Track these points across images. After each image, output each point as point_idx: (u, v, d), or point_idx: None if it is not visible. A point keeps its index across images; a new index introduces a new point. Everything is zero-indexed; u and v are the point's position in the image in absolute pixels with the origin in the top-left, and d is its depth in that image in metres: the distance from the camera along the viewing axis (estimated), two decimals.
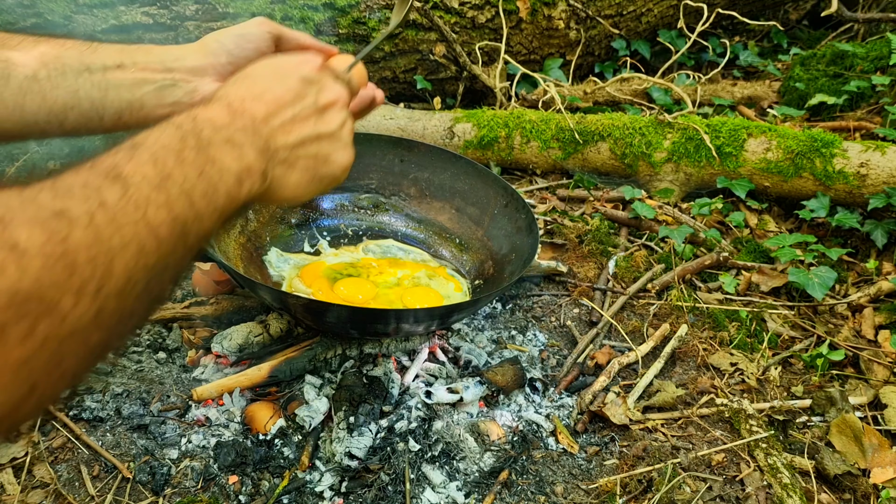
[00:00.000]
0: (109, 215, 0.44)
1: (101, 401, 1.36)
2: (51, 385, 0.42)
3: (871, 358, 1.64)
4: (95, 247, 0.42)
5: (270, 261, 1.64)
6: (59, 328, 0.40)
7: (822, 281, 1.80)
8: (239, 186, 0.60)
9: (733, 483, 1.33)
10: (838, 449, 1.41)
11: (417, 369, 1.48)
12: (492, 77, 2.68)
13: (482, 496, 1.26)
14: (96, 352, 0.45)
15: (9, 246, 0.37)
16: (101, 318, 0.43)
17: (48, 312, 0.38)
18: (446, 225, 1.81)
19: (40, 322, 0.38)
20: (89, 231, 0.42)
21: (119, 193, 0.47)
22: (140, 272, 0.46)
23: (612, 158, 2.28)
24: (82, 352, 0.43)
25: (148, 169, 0.51)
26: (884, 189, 1.98)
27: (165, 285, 0.53)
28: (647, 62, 3.10)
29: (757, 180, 2.18)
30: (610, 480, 1.31)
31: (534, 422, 1.42)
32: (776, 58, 3.31)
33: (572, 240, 2.01)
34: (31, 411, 0.42)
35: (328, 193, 1.79)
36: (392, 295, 1.59)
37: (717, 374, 1.61)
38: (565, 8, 2.85)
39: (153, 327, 1.56)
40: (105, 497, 1.20)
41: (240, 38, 0.93)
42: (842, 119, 2.57)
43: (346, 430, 1.30)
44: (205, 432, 1.32)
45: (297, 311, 1.41)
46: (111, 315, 0.44)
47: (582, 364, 1.59)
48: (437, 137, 2.33)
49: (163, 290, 0.52)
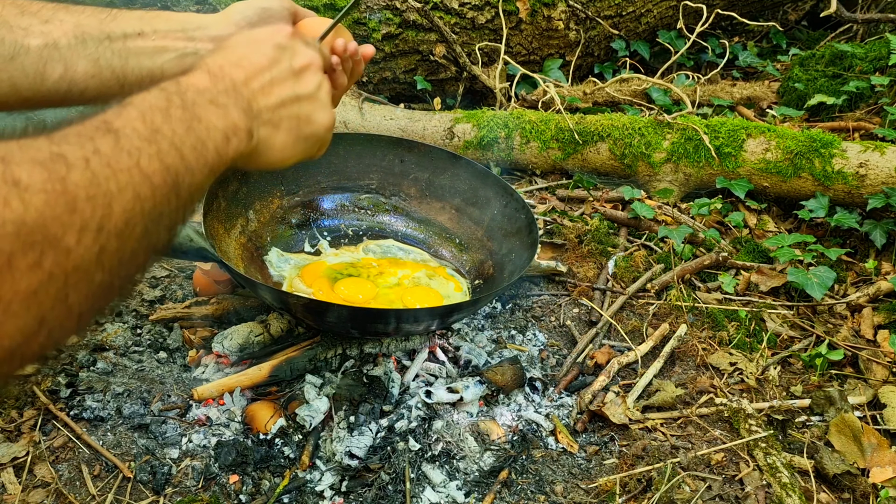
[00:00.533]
0: (104, 161, 0.47)
1: (101, 400, 1.36)
2: (58, 321, 0.43)
3: (870, 358, 1.65)
4: (93, 188, 0.44)
5: (271, 261, 1.64)
6: (65, 262, 0.41)
7: (821, 281, 1.80)
8: (226, 143, 0.62)
9: (732, 482, 1.34)
10: (837, 448, 1.41)
11: (417, 369, 1.48)
12: (492, 78, 2.69)
13: (482, 495, 1.26)
14: (100, 292, 0.47)
15: (11, 182, 0.38)
16: (103, 258, 0.45)
17: (53, 246, 0.40)
18: (446, 225, 1.82)
19: (46, 255, 0.40)
20: (87, 173, 0.44)
21: (112, 143, 0.49)
22: (137, 216, 0.49)
23: (612, 159, 2.29)
24: (87, 290, 0.45)
25: (138, 124, 0.53)
26: (882, 189, 1.98)
27: (162, 234, 0.54)
28: (646, 63, 3.10)
29: (756, 180, 2.18)
30: (609, 480, 1.31)
31: (533, 421, 1.43)
32: (775, 58, 3.32)
33: (572, 240, 2.02)
34: (40, 347, 0.43)
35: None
36: (392, 295, 1.59)
37: (716, 373, 1.61)
38: (565, 9, 2.85)
39: (154, 327, 1.56)
40: (106, 496, 1.20)
41: (263, 10, 0.94)
42: (841, 119, 2.57)
43: (347, 429, 1.30)
44: (205, 432, 1.32)
45: (298, 311, 1.41)
46: (112, 255, 0.46)
47: (581, 364, 1.59)
48: (437, 138, 2.33)
49: (159, 239, 0.54)
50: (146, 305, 1.63)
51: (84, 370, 1.43)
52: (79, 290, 0.44)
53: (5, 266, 0.37)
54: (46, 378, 1.40)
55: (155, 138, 0.53)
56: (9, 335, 0.40)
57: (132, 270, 0.52)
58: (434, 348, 1.54)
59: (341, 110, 2.34)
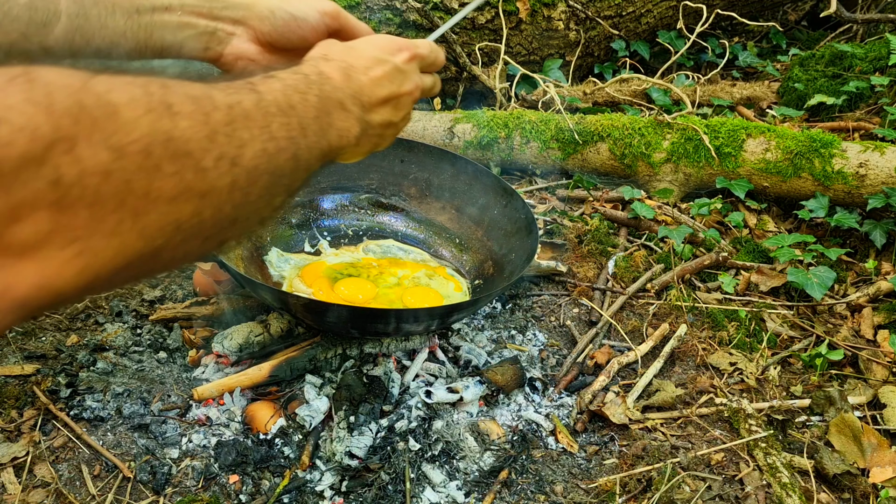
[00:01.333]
0: (244, 112, 0.52)
1: (101, 400, 1.36)
2: (191, 234, 0.47)
3: (869, 357, 1.65)
4: (231, 129, 0.49)
5: (271, 261, 1.64)
6: (202, 181, 0.46)
7: (821, 281, 1.80)
8: (339, 140, 0.68)
9: (732, 482, 1.34)
10: (837, 448, 1.41)
11: (417, 369, 1.48)
12: (492, 78, 2.69)
13: (482, 495, 1.26)
14: (226, 224, 0.51)
15: (166, 104, 0.43)
16: (234, 192, 0.50)
17: (193, 164, 0.45)
18: (446, 225, 1.82)
19: (187, 168, 0.44)
20: (228, 115, 0.49)
21: (253, 101, 0.54)
22: (263, 166, 0.53)
23: (612, 159, 2.29)
24: (217, 215, 0.49)
25: (279, 95, 0.58)
26: (882, 189, 1.98)
27: (278, 196, 0.58)
28: (646, 63, 3.10)
29: (756, 180, 2.18)
30: (609, 480, 1.31)
31: (533, 421, 1.43)
32: (775, 58, 3.32)
33: (572, 240, 2.02)
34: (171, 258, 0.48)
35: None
36: (392, 295, 1.59)
37: (716, 373, 1.61)
38: (565, 9, 2.85)
39: (154, 327, 1.56)
40: (106, 496, 1.20)
41: (293, 20, 0.94)
42: (841, 119, 2.57)
43: (347, 429, 1.30)
44: (205, 432, 1.32)
45: (298, 311, 1.41)
46: (241, 193, 0.51)
47: (581, 364, 1.59)
48: (437, 138, 2.33)
49: (276, 200, 0.58)
50: (146, 305, 1.63)
51: (84, 370, 1.43)
52: (211, 212, 0.48)
53: (154, 168, 0.41)
54: (46, 378, 1.40)
55: (289, 113, 0.58)
56: (150, 232, 0.43)
57: (252, 219, 0.56)
58: (434, 348, 1.54)
59: None
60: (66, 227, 0.37)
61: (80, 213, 0.37)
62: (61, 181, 0.36)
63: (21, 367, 1.42)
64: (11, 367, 1.41)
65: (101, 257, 0.39)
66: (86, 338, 1.52)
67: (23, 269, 0.36)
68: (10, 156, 0.33)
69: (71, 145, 0.36)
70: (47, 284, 0.37)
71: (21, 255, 0.35)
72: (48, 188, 0.35)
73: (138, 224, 0.41)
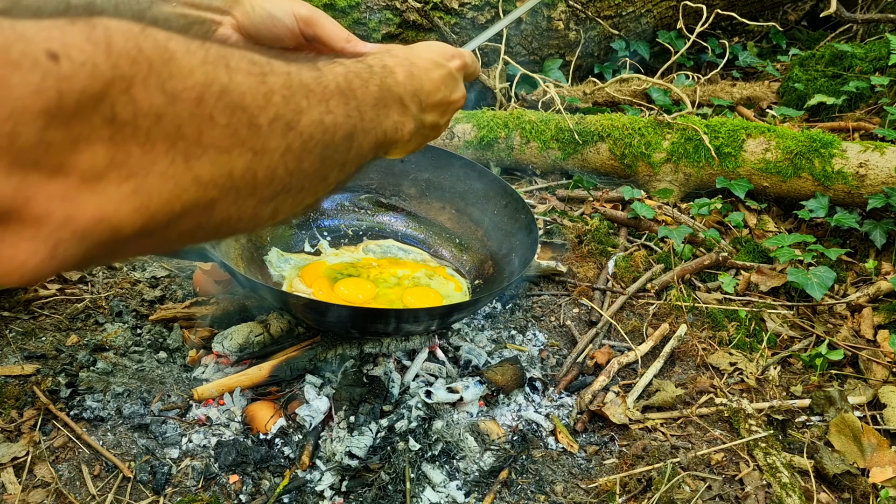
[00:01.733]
0: (303, 82, 0.52)
1: (101, 400, 1.36)
2: (244, 193, 0.48)
3: (870, 357, 1.65)
4: (288, 92, 0.50)
5: (271, 261, 1.64)
6: (255, 139, 0.47)
7: (821, 281, 1.80)
8: (393, 133, 0.68)
9: (732, 482, 1.34)
10: (837, 448, 1.41)
11: (417, 369, 1.48)
12: (492, 78, 2.69)
13: (482, 495, 1.26)
14: (279, 189, 0.51)
15: (222, 60, 0.45)
16: (286, 157, 0.50)
17: (248, 121, 0.46)
18: (446, 225, 1.82)
19: (241, 123, 0.45)
20: (285, 80, 0.50)
21: (314, 75, 0.55)
22: (318, 137, 0.53)
23: (612, 159, 2.29)
24: (270, 177, 0.49)
25: (340, 78, 0.58)
26: (882, 189, 1.98)
27: (332, 174, 0.59)
28: (646, 63, 3.10)
29: (756, 180, 2.18)
30: (609, 480, 1.31)
31: (533, 421, 1.43)
32: (775, 58, 3.32)
33: (572, 240, 2.02)
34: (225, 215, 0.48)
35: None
36: (392, 295, 1.59)
37: (716, 373, 1.61)
38: (565, 9, 2.85)
39: (154, 327, 1.56)
40: (106, 496, 1.20)
41: (270, 18, 0.95)
42: (841, 119, 2.57)
43: (347, 429, 1.30)
44: (205, 432, 1.32)
45: (298, 311, 1.41)
46: (295, 159, 0.51)
47: (581, 364, 1.59)
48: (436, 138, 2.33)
49: (330, 177, 0.59)
50: (146, 305, 1.63)
51: (84, 370, 1.43)
52: (264, 173, 0.48)
53: (207, 117, 0.42)
54: (46, 378, 1.40)
55: (348, 94, 0.58)
56: (204, 180, 0.44)
57: (304, 193, 0.56)
58: (434, 348, 1.54)
59: None
60: (122, 164, 0.39)
61: (134, 152, 0.39)
62: (116, 119, 0.38)
63: (21, 367, 1.42)
64: (11, 367, 1.41)
65: (157, 198, 0.41)
66: (86, 338, 1.52)
67: (84, 200, 0.38)
68: (71, 90, 0.35)
69: (127, 86, 0.38)
70: (106, 218, 0.39)
71: (82, 186, 0.37)
72: (104, 124, 0.37)
73: (191, 169, 0.42)
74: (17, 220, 0.36)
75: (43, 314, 1.57)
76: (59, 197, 0.37)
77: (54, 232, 0.37)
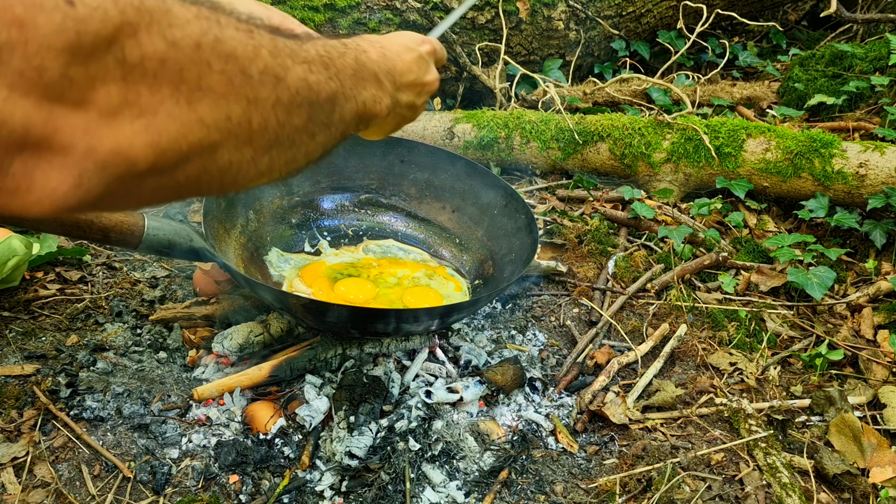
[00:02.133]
0: (287, 46, 0.56)
1: (101, 400, 1.36)
2: (240, 144, 0.51)
3: (869, 357, 1.65)
4: (275, 50, 0.53)
5: (271, 261, 1.64)
6: (247, 87, 0.50)
7: (821, 281, 1.80)
8: (372, 106, 0.72)
9: (732, 482, 1.34)
10: (837, 448, 1.41)
11: (417, 369, 1.48)
12: (492, 78, 2.69)
13: (482, 495, 1.26)
14: (270, 140, 0.54)
15: (214, 16, 0.48)
16: (277, 109, 0.53)
17: (240, 70, 0.49)
18: (446, 225, 1.82)
19: (234, 73, 0.49)
20: (272, 43, 0.53)
21: (296, 42, 0.58)
22: (304, 93, 0.56)
23: (612, 159, 2.29)
24: (262, 128, 0.53)
25: (319, 47, 0.62)
26: (882, 189, 1.98)
27: (320, 133, 0.62)
28: (646, 63, 3.10)
29: (756, 180, 2.18)
30: (609, 480, 1.31)
31: (533, 421, 1.43)
32: (775, 58, 3.32)
33: (572, 240, 2.02)
34: (224, 165, 0.51)
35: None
36: (392, 295, 1.59)
37: (716, 373, 1.61)
38: (565, 9, 2.85)
39: (154, 327, 1.56)
40: (106, 496, 1.20)
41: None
42: (841, 119, 2.57)
43: (347, 429, 1.30)
44: (205, 432, 1.32)
45: (298, 311, 1.41)
46: (284, 112, 0.54)
47: (581, 363, 1.59)
48: (437, 138, 2.33)
49: (318, 136, 0.61)
50: (146, 305, 1.63)
51: (84, 370, 1.43)
52: (259, 121, 0.52)
53: (205, 63, 0.47)
54: (46, 378, 1.40)
55: (327, 63, 0.61)
56: (207, 121, 0.48)
57: (294, 150, 0.59)
58: (434, 348, 1.54)
59: None
60: (133, 102, 0.43)
61: (143, 92, 0.44)
62: (126, 61, 0.42)
63: (21, 367, 1.42)
64: (11, 367, 1.41)
65: (166, 136, 0.45)
66: (86, 338, 1.52)
67: (102, 134, 0.42)
68: (87, 31, 0.40)
69: (134, 31, 0.42)
70: (122, 150, 0.43)
71: (100, 120, 0.42)
72: (116, 65, 0.42)
73: (194, 111, 0.47)
74: (47, 149, 0.41)
75: (43, 314, 1.57)
76: (82, 129, 0.42)
77: (79, 161, 0.42)
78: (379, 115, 0.74)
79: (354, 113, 0.68)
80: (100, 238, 1.26)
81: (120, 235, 1.28)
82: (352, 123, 0.69)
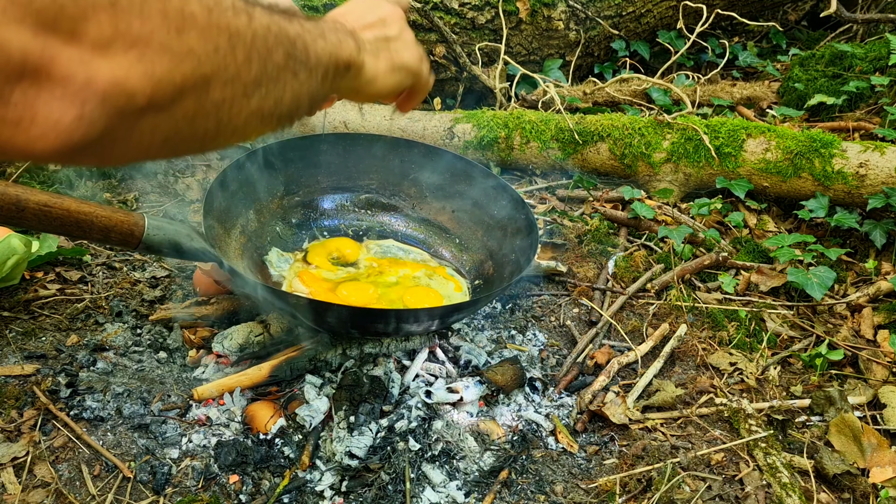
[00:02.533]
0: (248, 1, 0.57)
1: (101, 400, 1.36)
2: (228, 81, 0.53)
3: (869, 357, 1.65)
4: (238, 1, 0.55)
5: (271, 261, 1.64)
6: (225, 21, 0.51)
7: (821, 281, 1.80)
8: (340, 49, 0.75)
9: (732, 482, 1.34)
10: (837, 448, 1.41)
11: (417, 369, 1.48)
12: (492, 78, 2.69)
13: (482, 495, 1.26)
14: (255, 79, 0.56)
15: None
16: (257, 43, 0.55)
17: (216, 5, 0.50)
18: (446, 225, 1.82)
19: (213, 7, 0.50)
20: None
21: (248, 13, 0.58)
22: (274, 31, 0.58)
23: (612, 159, 2.29)
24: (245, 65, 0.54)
25: (275, 8, 0.63)
26: (882, 189, 1.98)
27: (300, 69, 0.63)
28: (646, 63, 3.10)
29: (756, 180, 2.18)
30: (609, 480, 1.31)
31: (533, 421, 1.43)
32: (775, 58, 3.32)
33: (572, 240, 2.02)
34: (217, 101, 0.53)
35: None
36: (392, 295, 1.59)
37: (716, 373, 1.61)
38: (565, 9, 2.85)
39: (154, 327, 1.56)
40: (106, 496, 1.20)
41: None
42: (841, 119, 2.57)
43: (347, 429, 1.30)
44: (205, 432, 1.32)
45: (298, 311, 1.41)
46: (264, 48, 0.56)
47: (581, 364, 1.59)
48: (437, 138, 2.33)
49: (298, 76, 0.63)
50: (146, 305, 1.63)
51: (84, 370, 1.43)
52: (242, 56, 0.53)
53: None
54: (46, 378, 1.40)
55: (290, 17, 0.63)
56: (196, 54, 0.49)
57: (281, 83, 0.60)
58: (434, 348, 1.54)
59: (341, 110, 2.34)
60: (125, 33, 0.44)
61: (134, 23, 0.45)
62: None
63: (21, 367, 1.42)
64: (11, 367, 1.41)
65: (159, 66, 0.46)
66: (86, 338, 1.52)
67: (98, 65, 0.43)
68: None
69: None
70: (120, 81, 0.44)
71: (94, 52, 0.43)
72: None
73: (184, 41, 0.48)
74: (47, 79, 0.42)
75: (43, 314, 1.57)
76: (78, 60, 0.43)
77: (80, 91, 0.43)
78: (352, 57, 0.77)
79: (328, 53, 0.70)
80: (100, 238, 1.26)
81: (120, 235, 1.28)
82: (331, 67, 0.71)
